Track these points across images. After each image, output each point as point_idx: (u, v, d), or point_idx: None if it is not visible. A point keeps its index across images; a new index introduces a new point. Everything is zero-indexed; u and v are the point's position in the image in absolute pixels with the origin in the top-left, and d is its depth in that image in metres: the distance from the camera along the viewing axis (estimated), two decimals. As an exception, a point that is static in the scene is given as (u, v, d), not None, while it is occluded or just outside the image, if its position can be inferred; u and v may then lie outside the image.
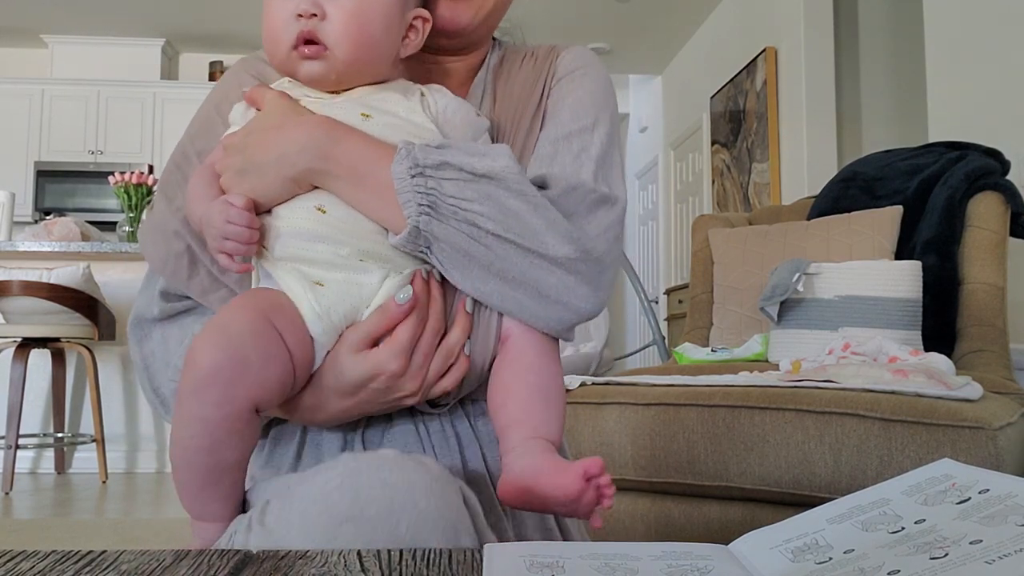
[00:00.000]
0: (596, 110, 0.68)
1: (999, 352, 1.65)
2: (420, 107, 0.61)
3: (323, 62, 0.58)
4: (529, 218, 0.57)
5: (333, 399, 0.59)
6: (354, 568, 0.44)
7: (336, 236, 0.58)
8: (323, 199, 0.58)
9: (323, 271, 0.58)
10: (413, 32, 0.62)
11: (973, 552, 0.37)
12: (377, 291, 0.58)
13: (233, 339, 0.54)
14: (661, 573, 0.42)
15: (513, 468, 0.56)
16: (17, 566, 0.44)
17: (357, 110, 0.60)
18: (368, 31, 0.58)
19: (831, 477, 1.17)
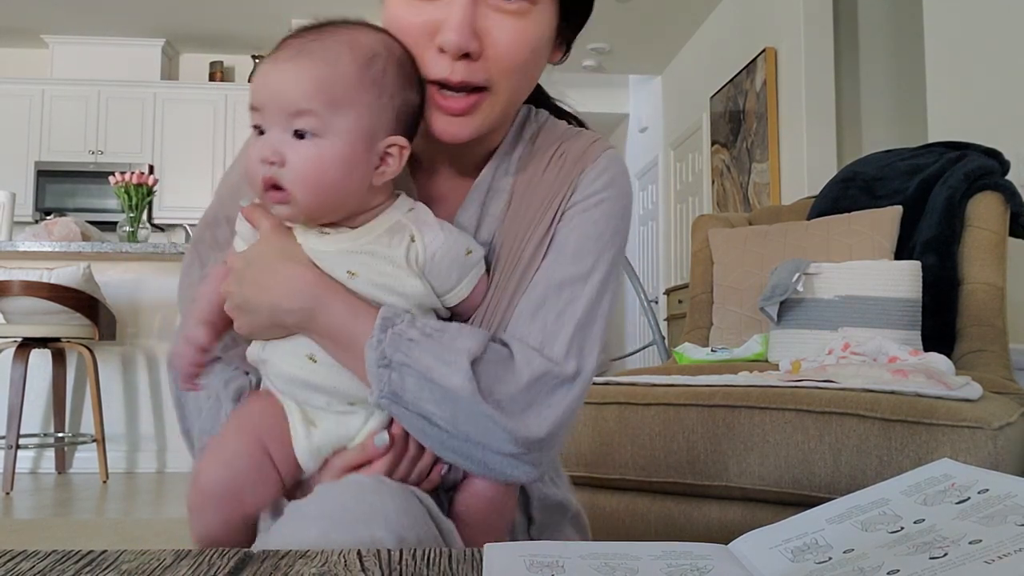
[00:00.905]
0: (599, 250, 0.67)
1: (999, 352, 1.65)
2: (405, 258, 0.61)
3: (289, 206, 0.59)
4: (478, 423, 0.60)
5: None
6: (354, 568, 0.44)
7: (325, 386, 0.62)
8: (315, 348, 0.62)
9: (315, 412, 0.63)
10: (389, 159, 0.61)
11: (972, 552, 0.37)
12: (362, 428, 0.63)
13: (231, 464, 0.61)
14: (661, 573, 0.42)
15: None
16: (17, 566, 0.44)
17: (344, 266, 0.61)
18: (326, 178, 0.58)
19: (831, 477, 1.17)
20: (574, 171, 0.69)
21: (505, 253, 0.68)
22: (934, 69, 2.68)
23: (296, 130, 0.58)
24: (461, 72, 0.62)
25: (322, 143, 0.58)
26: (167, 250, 3.21)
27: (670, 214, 5.69)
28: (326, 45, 0.59)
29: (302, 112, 0.57)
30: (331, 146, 0.58)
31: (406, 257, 0.61)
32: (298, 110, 0.57)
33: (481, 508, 0.65)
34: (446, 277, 0.63)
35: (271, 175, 0.58)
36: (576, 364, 0.64)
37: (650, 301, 3.27)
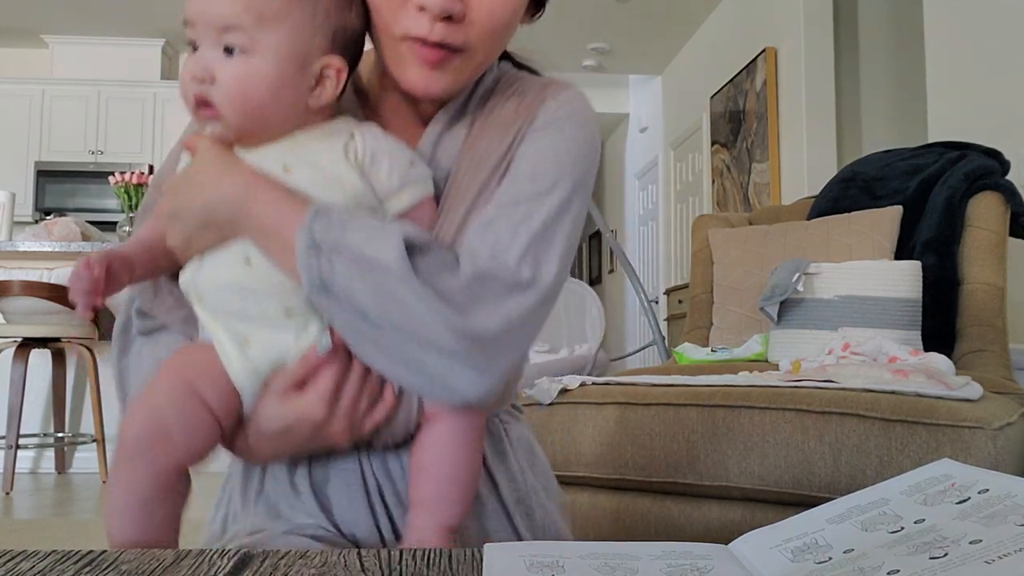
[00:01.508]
0: (558, 173, 0.63)
1: (999, 352, 1.65)
2: (343, 155, 0.60)
3: (219, 123, 0.59)
4: (413, 308, 0.56)
5: (262, 443, 0.62)
6: (354, 568, 0.44)
7: (261, 289, 0.59)
8: (251, 251, 0.59)
9: (250, 327, 0.60)
10: (326, 81, 0.60)
11: (973, 552, 0.37)
12: (298, 342, 0.60)
13: (155, 411, 0.58)
14: (661, 573, 0.42)
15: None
16: (17, 566, 0.44)
17: (280, 161, 0.59)
18: (253, 96, 0.57)
19: (831, 477, 1.17)
20: (535, 102, 0.67)
21: (459, 180, 0.65)
22: (934, 69, 2.68)
23: (225, 46, 0.57)
24: (440, 32, 0.60)
25: (251, 60, 0.57)
26: (167, 250, 3.21)
27: (670, 214, 5.69)
28: None
29: (230, 27, 0.56)
30: (259, 64, 0.57)
31: (344, 152, 0.60)
32: (226, 25, 0.56)
33: (443, 455, 0.61)
34: (386, 179, 0.60)
35: (200, 92, 0.57)
36: (531, 272, 0.60)
37: (650, 301, 3.27)
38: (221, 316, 0.61)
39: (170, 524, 0.59)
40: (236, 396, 0.60)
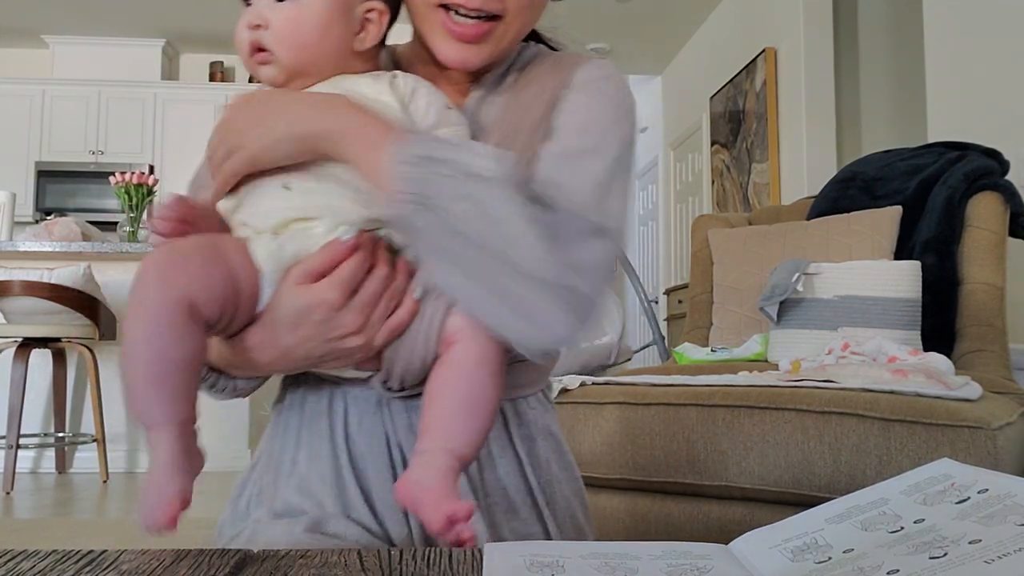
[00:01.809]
0: (604, 130, 0.65)
1: (998, 352, 1.65)
2: (388, 88, 0.63)
3: (272, 66, 0.63)
4: (518, 233, 0.55)
5: (278, 333, 0.59)
6: (354, 568, 0.44)
7: (302, 212, 0.60)
8: (290, 178, 0.60)
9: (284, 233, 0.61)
10: (369, 25, 0.64)
11: (972, 552, 0.37)
12: (326, 237, 0.60)
13: (177, 245, 0.58)
14: (661, 572, 0.42)
15: (412, 473, 0.57)
16: (18, 566, 0.44)
17: (329, 92, 0.62)
18: (303, 35, 0.62)
19: (830, 477, 1.17)
20: (571, 67, 0.69)
21: (500, 140, 0.66)
22: (934, 69, 2.69)
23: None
24: (478, 1, 0.63)
25: (300, 4, 0.61)
26: (167, 250, 3.21)
27: (670, 214, 5.69)
28: None
29: None
30: (307, 5, 0.61)
31: (388, 86, 0.63)
32: None
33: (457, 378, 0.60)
34: (424, 113, 0.63)
35: (255, 38, 0.62)
36: (604, 220, 0.60)
37: (650, 301, 3.27)
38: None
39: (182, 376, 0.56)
40: (254, 273, 0.59)
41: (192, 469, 0.55)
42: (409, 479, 0.56)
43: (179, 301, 0.55)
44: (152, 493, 0.52)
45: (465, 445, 0.59)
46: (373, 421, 0.66)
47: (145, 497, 0.53)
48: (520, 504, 0.69)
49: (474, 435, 0.59)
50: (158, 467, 0.53)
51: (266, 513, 0.67)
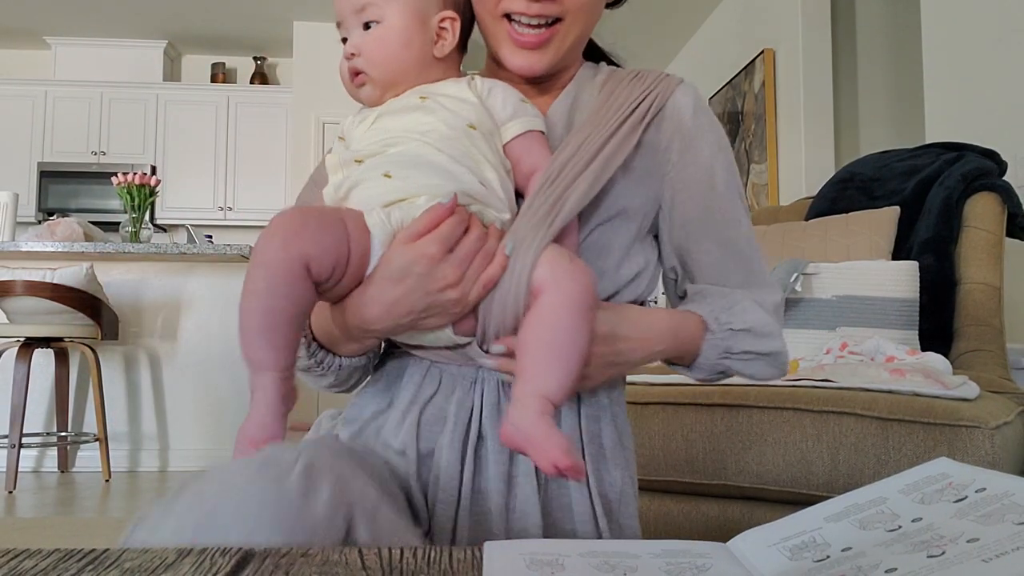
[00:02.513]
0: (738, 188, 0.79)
1: (996, 352, 1.65)
2: (467, 88, 0.71)
3: (369, 86, 0.72)
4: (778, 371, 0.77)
5: (385, 287, 0.65)
6: (355, 566, 0.45)
7: (401, 196, 0.67)
8: (389, 166, 0.67)
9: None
10: (444, 33, 0.71)
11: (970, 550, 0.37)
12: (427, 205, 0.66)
13: (301, 208, 0.66)
14: (660, 571, 0.43)
15: (511, 420, 0.62)
16: (20, 564, 0.44)
17: (417, 94, 0.71)
18: (388, 51, 0.71)
19: (829, 476, 1.17)
20: (660, 83, 0.76)
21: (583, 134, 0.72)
22: (932, 70, 2.69)
23: (364, 23, 0.71)
24: (537, 8, 0.69)
25: (383, 26, 0.71)
26: (169, 250, 3.21)
27: (670, 214, 5.68)
28: None
29: (364, 7, 0.71)
30: (389, 26, 0.70)
31: (468, 86, 0.72)
32: (361, 6, 0.71)
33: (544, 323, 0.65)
34: (501, 107, 0.71)
35: (352, 65, 0.72)
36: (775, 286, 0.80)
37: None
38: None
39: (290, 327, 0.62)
40: (366, 234, 0.65)
41: (288, 410, 0.63)
42: (509, 425, 0.62)
43: (296, 259, 0.61)
44: (254, 427, 0.61)
45: (556, 389, 0.63)
46: (464, 396, 0.70)
47: (247, 430, 0.61)
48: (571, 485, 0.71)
49: (563, 378, 0.63)
50: (262, 406, 0.61)
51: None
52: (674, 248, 0.78)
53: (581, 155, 0.70)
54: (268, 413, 0.61)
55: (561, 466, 0.58)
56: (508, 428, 0.62)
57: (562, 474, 0.58)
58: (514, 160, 0.71)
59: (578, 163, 0.69)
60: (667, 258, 0.79)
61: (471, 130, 0.68)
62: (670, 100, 0.76)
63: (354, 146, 0.71)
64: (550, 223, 0.66)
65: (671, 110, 0.76)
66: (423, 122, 0.68)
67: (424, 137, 0.67)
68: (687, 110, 0.76)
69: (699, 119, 0.77)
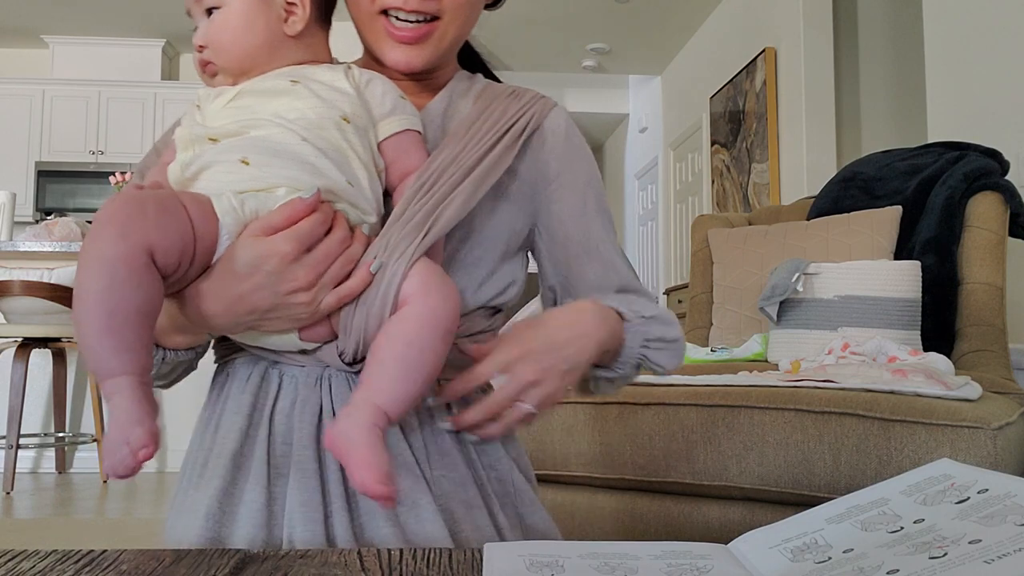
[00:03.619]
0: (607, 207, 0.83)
1: (998, 352, 1.65)
2: (344, 77, 0.67)
3: (220, 74, 0.68)
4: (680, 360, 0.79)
5: (229, 281, 0.60)
6: (354, 567, 0.44)
7: (259, 186, 0.62)
8: (248, 151, 0.62)
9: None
10: (293, 9, 0.67)
11: (972, 552, 0.37)
12: (286, 199, 0.62)
13: (134, 195, 0.59)
14: (661, 572, 0.42)
15: (338, 424, 0.58)
16: (18, 566, 0.44)
17: (288, 77, 0.66)
18: (231, 37, 0.66)
19: (830, 477, 1.17)
20: (535, 103, 0.77)
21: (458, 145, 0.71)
22: (934, 69, 2.69)
23: (207, 10, 0.67)
24: (415, 3, 0.69)
25: (224, 10, 0.66)
26: (167, 250, 3.21)
27: (670, 214, 5.69)
28: None
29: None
30: (230, 9, 0.66)
31: (344, 74, 0.67)
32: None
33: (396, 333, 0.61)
34: (380, 101, 0.68)
35: (202, 57, 0.67)
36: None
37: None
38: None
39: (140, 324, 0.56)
40: (213, 220, 0.59)
41: (153, 415, 0.55)
42: (335, 429, 0.58)
43: (138, 248, 0.55)
44: (118, 442, 0.53)
45: (394, 402, 0.60)
46: (309, 397, 0.66)
47: (112, 447, 0.53)
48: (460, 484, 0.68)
49: (405, 394, 0.60)
50: (122, 416, 0.53)
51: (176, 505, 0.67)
52: (555, 266, 0.79)
53: (456, 167, 0.68)
54: (132, 422, 0.53)
55: (371, 493, 0.55)
56: (334, 432, 0.58)
57: (368, 495, 0.55)
58: (388, 159, 0.68)
59: (454, 175, 0.68)
60: (547, 277, 0.80)
61: (344, 123, 0.64)
62: (546, 121, 0.77)
63: (209, 122, 0.65)
64: (424, 234, 0.64)
65: (548, 131, 0.77)
66: (291, 107, 0.63)
67: (291, 124, 0.62)
68: (561, 133, 0.78)
69: (572, 142, 0.78)
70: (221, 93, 0.66)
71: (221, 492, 0.63)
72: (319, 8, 0.68)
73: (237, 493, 0.64)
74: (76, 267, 0.57)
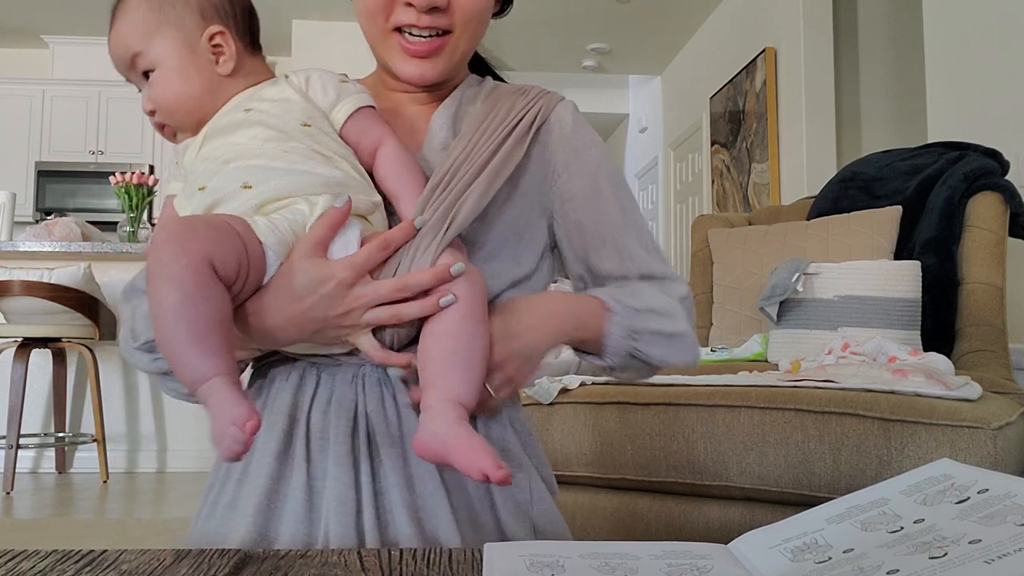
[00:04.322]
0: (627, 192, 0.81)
1: (998, 352, 1.65)
2: (287, 86, 0.71)
3: (179, 132, 0.72)
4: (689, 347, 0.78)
5: (283, 301, 0.63)
6: (354, 568, 0.44)
7: (268, 199, 0.65)
8: (243, 177, 0.65)
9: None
10: (219, 50, 0.70)
11: (972, 552, 0.37)
12: (313, 212, 0.65)
13: (185, 218, 0.63)
14: (661, 572, 0.42)
15: (427, 429, 0.60)
16: (18, 566, 0.44)
17: (241, 107, 0.69)
18: (172, 93, 0.69)
19: (830, 477, 1.17)
20: (541, 97, 0.78)
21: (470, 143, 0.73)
22: (934, 69, 2.69)
23: (143, 73, 0.70)
24: (428, 20, 0.71)
25: (158, 73, 0.70)
26: (167, 250, 3.21)
27: (670, 214, 5.69)
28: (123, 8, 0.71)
29: (133, 59, 0.70)
30: (163, 70, 0.69)
31: (285, 84, 0.71)
32: (131, 59, 0.70)
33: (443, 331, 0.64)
34: (322, 94, 0.71)
35: (154, 121, 0.71)
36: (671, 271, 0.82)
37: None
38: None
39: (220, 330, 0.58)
40: (259, 245, 0.62)
41: (248, 400, 0.58)
42: (426, 435, 0.60)
43: (202, 261, 0.58)
44: (224, 426, 0.55)
45: (467, 393, 0.63)
46: (345, 394, 0.69)
47: (220, 433, 0.55)
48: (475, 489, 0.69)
49: (471, 382, 0.64)
50: (223, 403, 0.56)
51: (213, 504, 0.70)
52: (576, 257, 0.80)
53: (470, 164, 0.70)
54: (233, 405, 0.55)
55: (492, 475, 0.56)
56: (425, 437, 0.60)
57: (490, 481, 0.56)
58: (353, 142, 0.70)
59: (468, 172, 0.70)
60: (572, 266, 0.81)
61: (306, 127, 0.67)
62: (552, 114, 0.78)
63: (191, 175, 0.68)
64: (445, 230, 0.66)
65: (555, 124, 0.78)
66: (255, 133, 0.66)
67: (264, 146, 0.66)
68: (568, 124, 0.79)
69: (580, 132, 0.79)
70: (189, 145, 0.70)
71: (269, 490, 0.66)
72: (245, 40, 0.72)
73: (282, 490, 0.66)
74: (149, 301, 0.60)
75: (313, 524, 0.65)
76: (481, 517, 0.69)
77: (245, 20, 0.73)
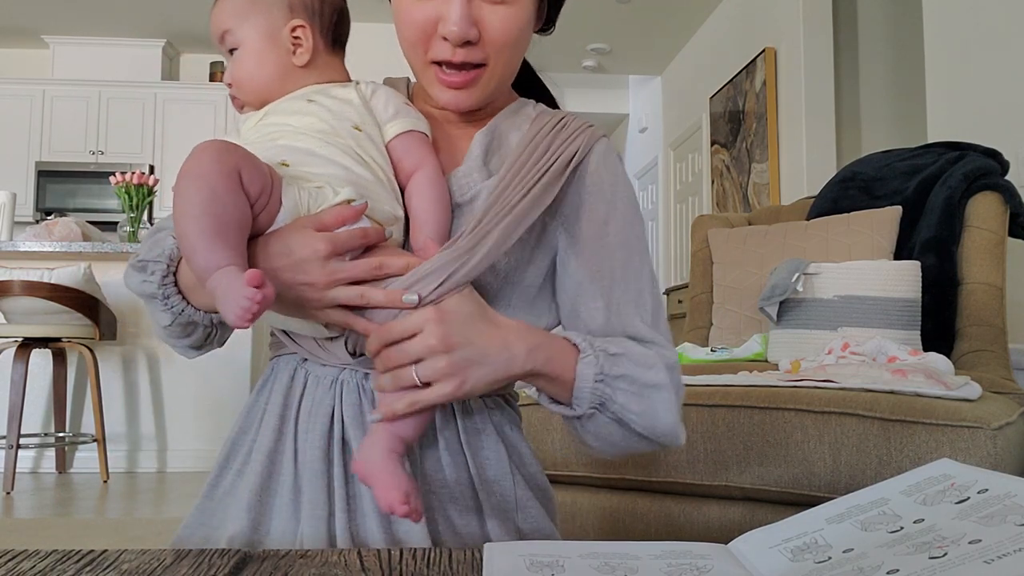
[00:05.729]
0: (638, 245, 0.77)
1: (998, 352, 1.65)
2: (353, 91, 0.76)
3: (246, 105, 0.78)
4: (671, 411, 0.70)
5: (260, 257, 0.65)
6: (354, 567, 0.44)
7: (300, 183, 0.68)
8: (284, 154, 0.68)
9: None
10: (298, 42, 0.76)
11: (972, 552, 0.37)
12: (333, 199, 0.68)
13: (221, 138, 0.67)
14: (661, 572, 0.42)
15: (363, 454, 0.64)
16: (18, 565, 0.44)
17: (305, 97, 0.74)
18: (247, 74, 0.76)
19: (830, 477, 1.17)
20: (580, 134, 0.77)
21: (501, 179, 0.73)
22: (933, 69, 2.69)
23: (229, 50, 0.77)
24: (462, 55, 0.72)
25: (240, 50, 0.76)
26: (167, 250, 3.21)
27: (670, 214, 5.69)
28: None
29: (223, 35, 0.77)
30: (244, 50, 0.76)
31: (355, 89, 0.76)
32: (220, 35, 0.77)
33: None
34: (383, 108, 0.76)
35: (231, 93, 0.78)
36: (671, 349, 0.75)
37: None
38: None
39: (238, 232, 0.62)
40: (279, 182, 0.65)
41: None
42: (360, 457, 0.64)
43: (231, 168, 0.62)
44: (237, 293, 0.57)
45: (408, 428, 0.65)
46: (323, 399, 0.71)
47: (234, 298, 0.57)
48: (459, 495, 0.71)
49: (415, 421, 0.65)
50: (235, 282, 0.57)
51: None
52: (565, 305, 0.77)
53: (501, 205, 0.70)
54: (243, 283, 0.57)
55: (396, 511, 0.60)
56: (359, 460, 0.64)
57: (395, 514, 0.60)
58: (395, 159, 0.73)
59: (498, 213, 0.70)
60: (561, 309, 0.78)
61: (356, 131, 0.72)
62: (589, 155, 0.77)
63: (244, 140, 0.72)
64: (461, 265, 0.66)
65: (587, 164, 0.76)
66: (310, 121, 0.71)
67: (313, 134, 0.70)
68: (593, 166, 0.76)
69: (604, 176, 0.76)
70: (250, 117, 0.75)
71: (259, 487, 0.69)
72: (327, 39, 0.77)
73: (272, 488, 0.70)
74: (175, 188, 0.64)
75: (298, 523, 0.68)
76: (464, 521, 0.70)
77: (331, 20, 0.78)
